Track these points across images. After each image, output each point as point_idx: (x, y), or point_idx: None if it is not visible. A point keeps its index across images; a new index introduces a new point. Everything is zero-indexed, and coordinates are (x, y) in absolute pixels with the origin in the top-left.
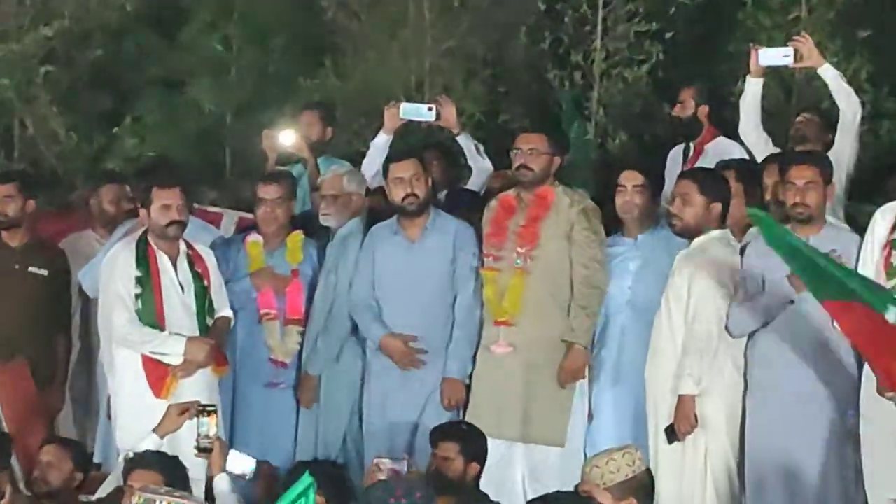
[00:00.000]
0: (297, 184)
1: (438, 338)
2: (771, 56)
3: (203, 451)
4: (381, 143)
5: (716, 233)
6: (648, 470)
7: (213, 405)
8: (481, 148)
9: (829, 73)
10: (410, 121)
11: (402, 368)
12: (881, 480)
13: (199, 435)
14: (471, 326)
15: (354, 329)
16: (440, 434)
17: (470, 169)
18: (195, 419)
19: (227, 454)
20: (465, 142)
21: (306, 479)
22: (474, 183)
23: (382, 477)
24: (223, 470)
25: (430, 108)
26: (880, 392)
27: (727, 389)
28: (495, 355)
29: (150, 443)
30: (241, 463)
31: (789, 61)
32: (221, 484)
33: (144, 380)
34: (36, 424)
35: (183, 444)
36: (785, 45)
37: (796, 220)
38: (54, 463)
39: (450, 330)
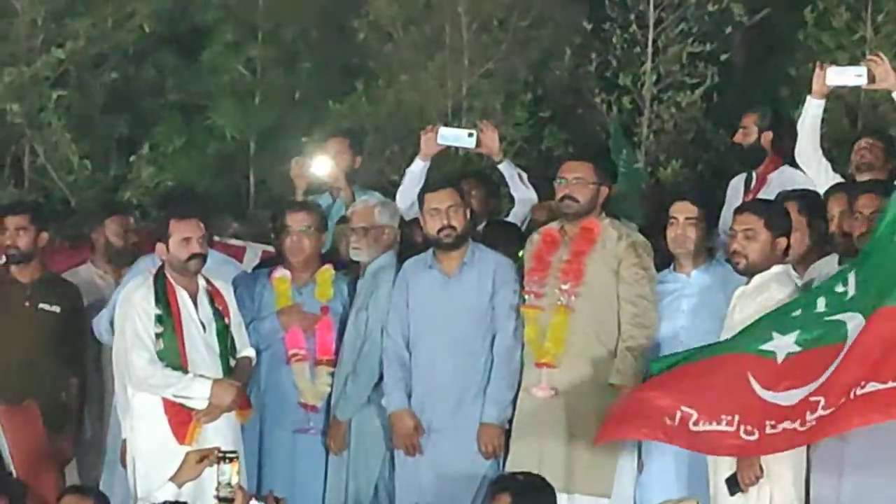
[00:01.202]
0: (328, 216)
1: (475, 379)
2: (841, 75)
3: (224, 500)
4: (417, 170)
5: (777, 268)
6: None
7: (233, 451)
8: (524, 176)
9: None
10: (448, 147)
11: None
12: None
13: (219, 484)
14: (510, 368)
15: None
16: (500, 486)
17: (511, 199)
18: (215, 467)
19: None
20: (508, 170)
21: None
22: (516, 214)
23: None
24: None
25: (470, 135)
26: None
27: None
28: (536, 399)
29: (168, 492)
30: None
31: (862, 81)
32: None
33: (166, 424)
34: (47, 471)
35: (207, 493)
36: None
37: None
38: None
39: (487, 371)
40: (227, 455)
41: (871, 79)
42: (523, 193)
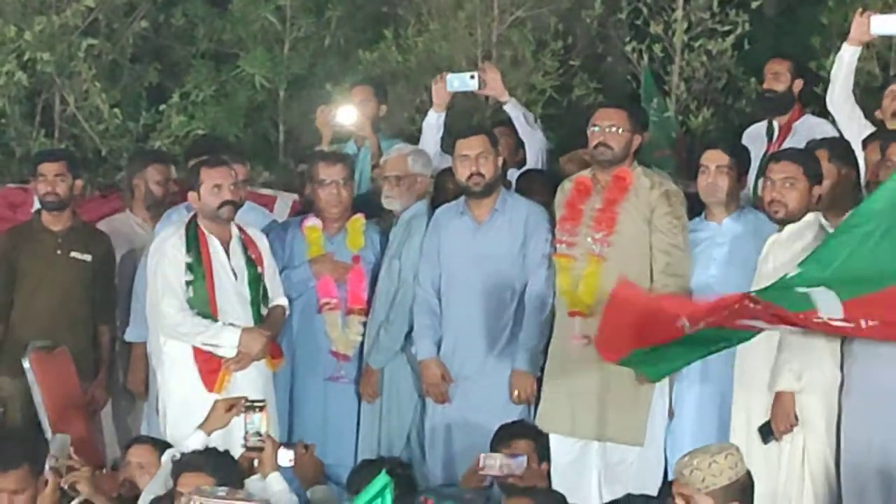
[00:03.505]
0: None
1: (506, 329)
2: (886, 24)
3: (252, 449)
4: (432, 121)
5: (810, 216)
6: (749, 472)
7: (262, 400)
8: (530, 118)
9: None
10: (465, 95)
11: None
12: None
13: (247, 433)
14: (542, 316)
15: None
16: (512, 432)
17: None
18: (242, 415)
19: (279, 451)
20: (514, 111)
21: (383, 478)
22: (529, 157)
23: (495, 473)
24: (276, 469)
25: (472, 77)
26: None
27: (827, 385)
28: (569, 348)
29: (197, 441)
30: (283, 455)
31: None
32: (275, 484)
33: (195, 372)
34: (77, 418)
35: (236, 441)
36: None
37: None
38: (145, 465)
39: (518, 319)
40: (256, 404)
41: None
42: (530, 136)
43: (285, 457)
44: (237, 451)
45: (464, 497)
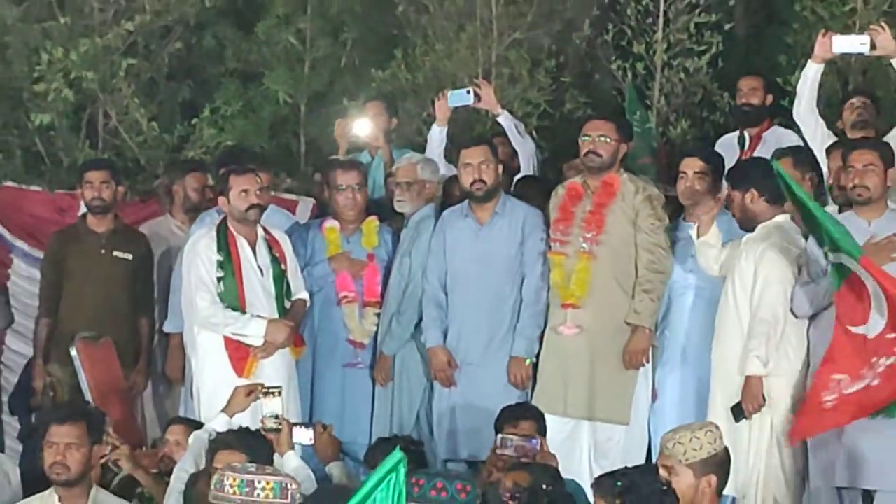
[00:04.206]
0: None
1: (505, 318)
2: (846, 43)
3: (270, 430)
4: (435, 134)
5: (780, 218)
6: (727, 448)
7: (278, 386)
8: (521, 128)
9: None
10: (465, 109)
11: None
12: None
13: (264, 416)
14: (538, 308)
15: None
16: (517, 414)
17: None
18: (261, 399)
19: (301, 431)
20: (507, 122)
21: (397, 454)
22: (522, 164)
23: (511, 453)
24: (291, 448)
25: (468, 92)
26: None
27: (792, 369)
28: (562, 336)
29: (220, 423)
30: (303, 434)
31: (865, 49)
32: (292, 461)
33: (226, 360)
34: (119, 402)
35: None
36: (856, 35)
37: (857, 203)
38: (181, 443)
39: (516, 311)
40: (272, 390)
41: (873, 46)
42: (521, 144)
43: (305, 436)
44: None
45: (450, 475)
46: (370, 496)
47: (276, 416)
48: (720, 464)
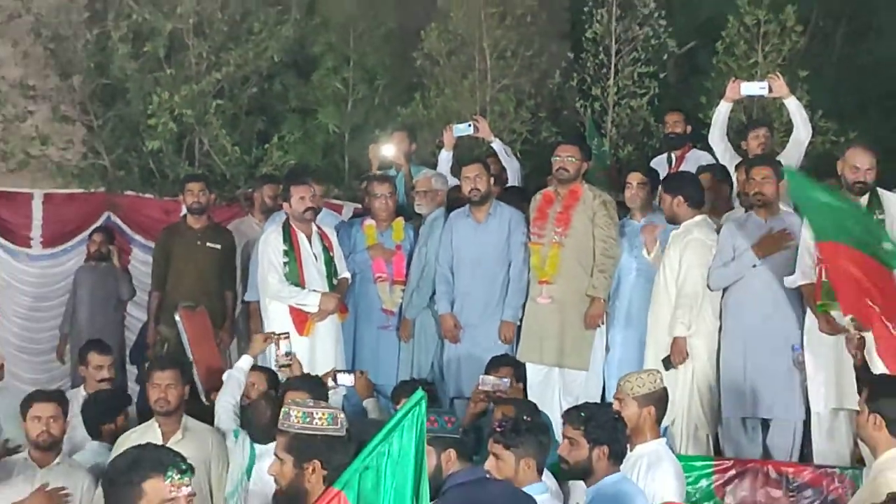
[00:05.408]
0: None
1: (497, 293)
2: (750, 88)
3: (283, 367)
4: (444, 158)
5: (698, 217)
6: (665, 389)
7: (286, 332)
8: (509, 151)
9: (793, 104)
10: (465, 137)
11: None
12: (819, 395)
13: (277, 355)
14: (521, 284)
15: None
16: (499, 361)
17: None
18: (275, 344)
19: (334, 373)
20: (498, 147)
21: (418, 393)
22: (510, 177)
23: (488, 389)
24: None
25: (469, 125)
26: (822, 329)
27: (708, 331)
28: (539, 305)
29: (245, 362)
30: (346, 378)
31: (765, 92)
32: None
33: (291, 322)
34: (212, 354)
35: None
36: (758, 81)
37: (757, 206)
38: (256, 383)
39: (505, 286)
40: (281, 335)
41: (770, 90)
42: (509, 163)
43: (348, 379)
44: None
45: (440, 411)
46: (398, 425)
47: (287, 354)
48: (659, 399)
